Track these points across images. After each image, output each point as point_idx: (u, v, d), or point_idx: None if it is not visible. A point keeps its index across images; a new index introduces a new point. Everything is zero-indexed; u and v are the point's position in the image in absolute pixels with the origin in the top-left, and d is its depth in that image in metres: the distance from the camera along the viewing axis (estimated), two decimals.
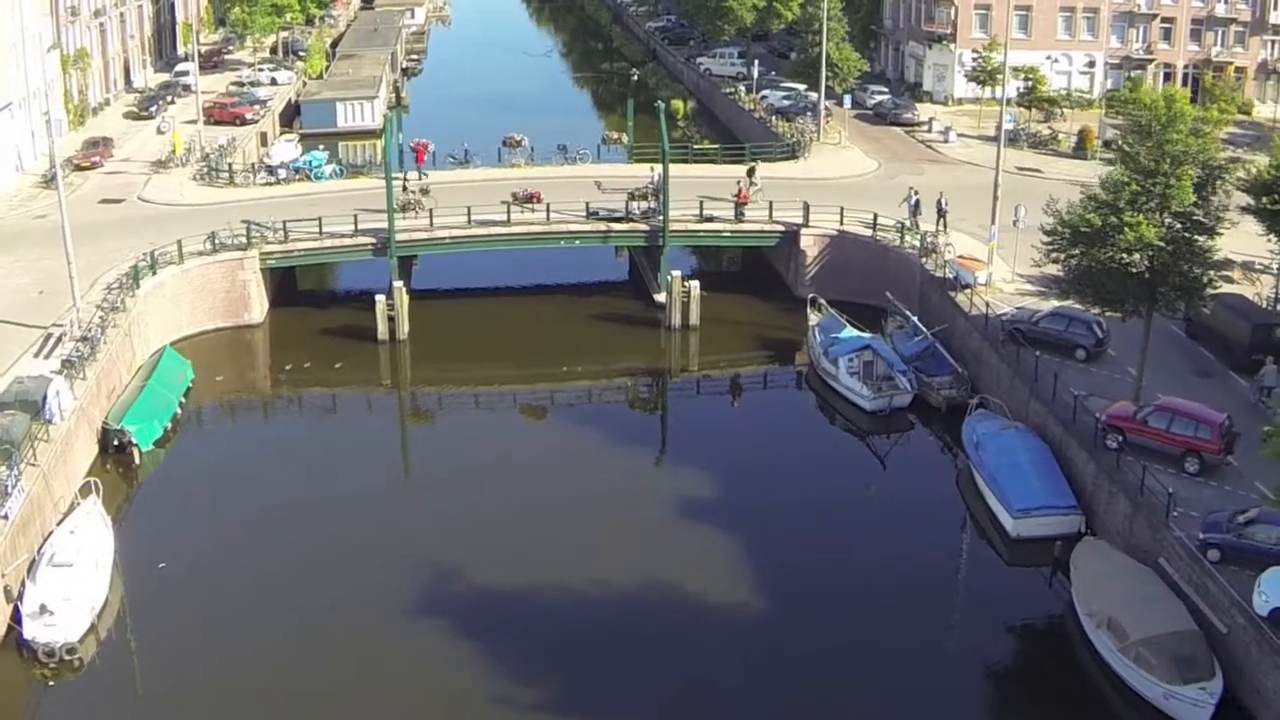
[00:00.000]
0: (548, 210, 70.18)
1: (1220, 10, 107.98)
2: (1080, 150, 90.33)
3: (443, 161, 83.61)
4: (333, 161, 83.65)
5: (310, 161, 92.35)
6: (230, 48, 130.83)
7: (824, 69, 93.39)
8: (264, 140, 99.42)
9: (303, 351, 67.26)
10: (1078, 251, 49.81)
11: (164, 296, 65.48)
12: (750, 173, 77.67)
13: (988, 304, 60.35)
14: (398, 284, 66.36)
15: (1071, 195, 52.67)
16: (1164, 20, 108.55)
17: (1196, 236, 48.59)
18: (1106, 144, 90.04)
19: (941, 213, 70.49)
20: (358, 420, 62.58)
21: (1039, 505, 48.87)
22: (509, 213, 70.01)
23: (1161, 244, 47.55)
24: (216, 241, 67.70)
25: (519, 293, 74.77)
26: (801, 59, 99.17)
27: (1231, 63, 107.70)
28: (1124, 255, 47.86)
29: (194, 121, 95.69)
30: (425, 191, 74.85)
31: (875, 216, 70.18)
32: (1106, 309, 50.53)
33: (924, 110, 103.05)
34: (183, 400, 60.10)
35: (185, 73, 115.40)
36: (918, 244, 67.80)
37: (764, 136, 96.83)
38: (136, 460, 55.01)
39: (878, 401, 58.44)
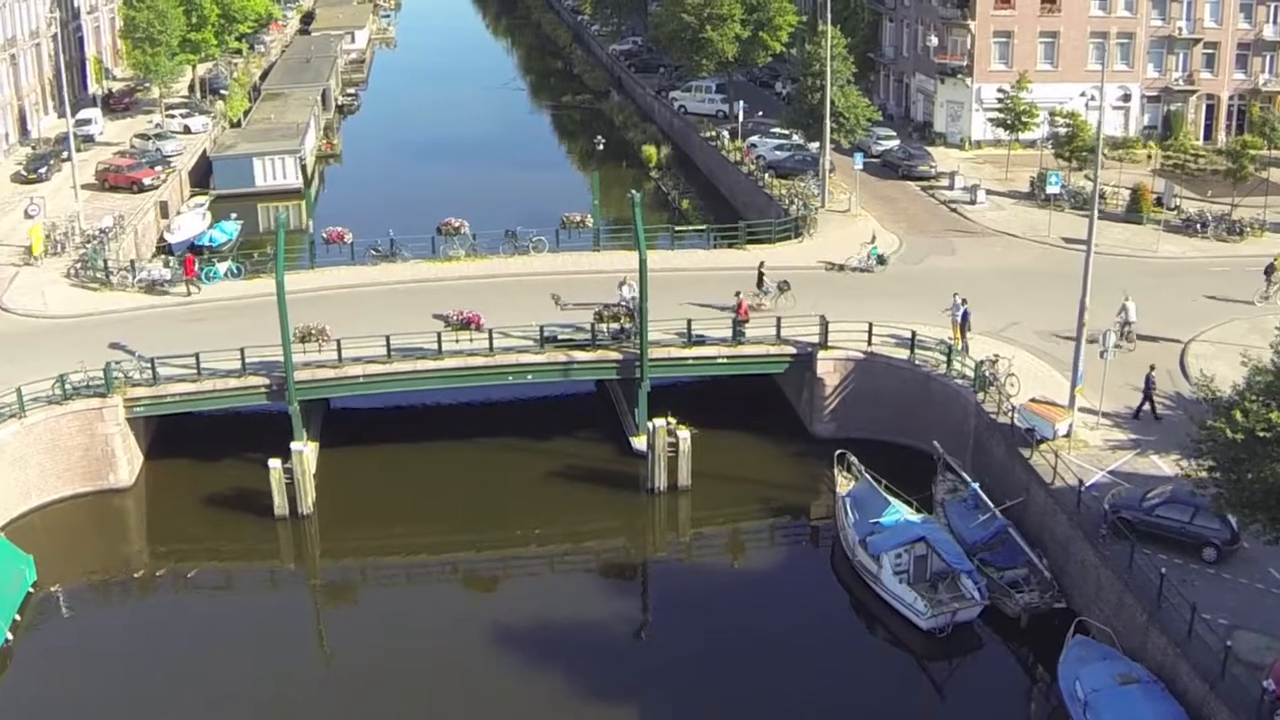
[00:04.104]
0: (490, 338, 54.88)
1: (1269, 33, 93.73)
2: (1134, 212, 75.59)
3: (363, 255, 67.92)
4: (230, 257, 68.04)
5: (214, 239, 78.02)
6: (147, 84, 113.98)
7: (828, 119, 78.22)
8: (164, 211, 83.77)
9: (183, 520, 53.05)
10: (1244, 456, 34.80)
11: (2, 461, 50.51)
12: (1270, 271, 62.77)
13: (1081, 483, 45.12)
14: (297, 445, 51.10)
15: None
16: (1207, 46, 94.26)
17: None
18: (1163, 202, 75.72)
19: (963, 321, 56.17)
20: (257, 609, 48.44)
21: None
22: (440, 342, 54.69)
23: None
24: (68, 386, 52.56)
25: (456, 427, 59.32)
26: (800, 107, 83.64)
27: None
28: None
29: (90, 186, 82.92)
30: (784, 287, 60.67)
31: (914, 335, 55.16)
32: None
33: (940, 157, 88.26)
34: (17, 617, 45.45)
35: (88, 120, 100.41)
36: (970, 373, 52.80)
37: (755, 198, 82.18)
38: None
39: (937, 618, 43.52)
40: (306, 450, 51.41)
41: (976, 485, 48.21)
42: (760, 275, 62.11)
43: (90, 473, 53.48)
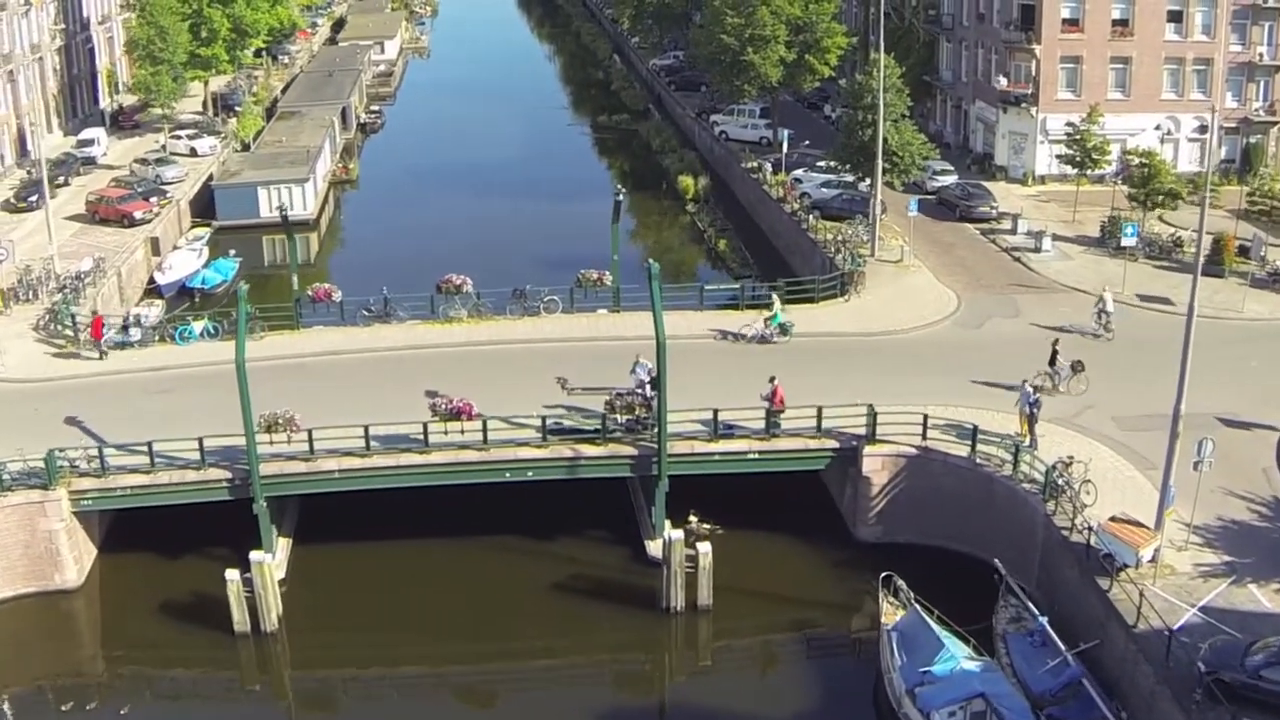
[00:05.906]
0: (485, 429, 47.91)
1: None
2: (1215, 264, 67.42)
3: (354, 315, 61.05)
4: (207, 314, 61.51)
5: (208, 279, 71.76)
6: (154, 99, 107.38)
7: (880, 159, 70.90)
8: (156, 248, 77.40)
9: (139, 627, 46.75)
10: None
11: None
12: None
13: (1170, 630, 37.71)
14: (258, 556, 44.43)
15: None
16: None
17: None
18: (1249, 253, 67.86)
19: (1032, 412, 48.73)
20: None
21: None
22: (426, 433, 47.81)
23: None
24: (6, 476, 46.17)
25: (450, 516, 50.82)
26: (849, 143, 76.11)
27: None
28: None
29: (80, 218, 79.35)
30: (1078, 367, 53.07)
31: (975, 430, 47.79)
32: None
33: (1001, 194, 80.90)
34: None
35: (91, 141, 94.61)
36: (1039, 477, 45.49)
37: (799, 241, 75.18)
38: None
39: None
40: (269, 561, 44.69)
41: (1045, 620, 40.95)
42: (1054, 353, 53.60)
43: (33, 572, 47.30)
